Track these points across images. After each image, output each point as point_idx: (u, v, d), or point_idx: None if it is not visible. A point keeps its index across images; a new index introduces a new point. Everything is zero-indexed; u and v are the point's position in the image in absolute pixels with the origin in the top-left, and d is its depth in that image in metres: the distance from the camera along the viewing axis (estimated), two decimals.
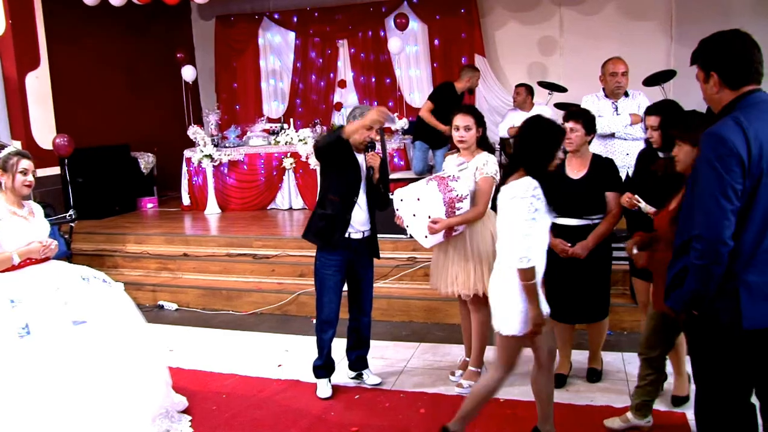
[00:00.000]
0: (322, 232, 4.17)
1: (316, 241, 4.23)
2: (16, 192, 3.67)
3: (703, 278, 2.38)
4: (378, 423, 3.90)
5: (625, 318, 5.15)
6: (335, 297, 4.24)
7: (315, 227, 4.22)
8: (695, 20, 8.79)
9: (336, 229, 4.13)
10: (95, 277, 3.82)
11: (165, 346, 5.12)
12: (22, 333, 3.34)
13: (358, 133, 3.99)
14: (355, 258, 4.24)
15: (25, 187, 3.68)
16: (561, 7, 9.55)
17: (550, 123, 3.27)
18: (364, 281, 4.35)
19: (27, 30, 8.15)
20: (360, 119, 4.04)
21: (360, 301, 4.37)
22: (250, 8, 11.09)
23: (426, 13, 10.02)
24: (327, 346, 4.31)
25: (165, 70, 10.55)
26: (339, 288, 4.26)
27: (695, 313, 2.50)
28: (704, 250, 2.34)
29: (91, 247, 7.61)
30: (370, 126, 3.99)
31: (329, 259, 4.18)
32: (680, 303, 2.51)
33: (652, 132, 3.72)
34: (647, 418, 3.56)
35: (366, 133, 4.06)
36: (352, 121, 4.14)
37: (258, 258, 6.77)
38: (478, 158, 4.09)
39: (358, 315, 4.39)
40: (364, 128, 3.98)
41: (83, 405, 3.36)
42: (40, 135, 8.27)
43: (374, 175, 4.14)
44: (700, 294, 2.42)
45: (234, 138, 9.38)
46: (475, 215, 4.03)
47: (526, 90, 7.54)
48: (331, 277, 4.20)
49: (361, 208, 4.16)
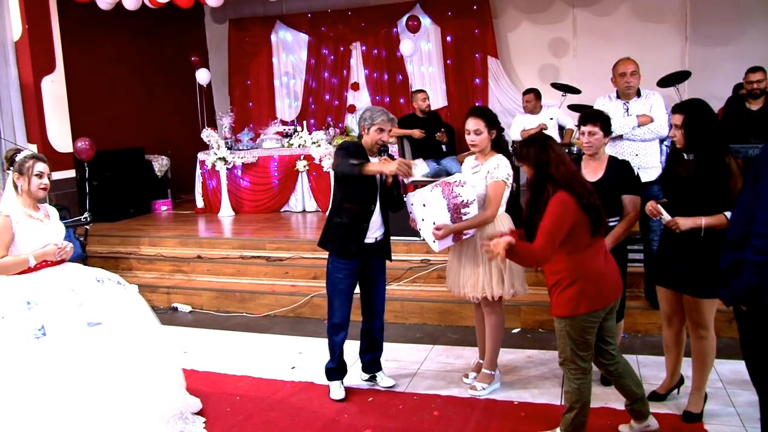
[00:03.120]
0: (339, 241, 4.15)
1: (334, 250, 4.19)
2: (32, 195, 3.70)
3: (760, 274, 2.37)
4: (391, 425, 3.90)
5: (640, 321, 5.12)
6: (346, 300, 4.23)
7: (332, 236, 4.19)
8: (710, 21, 8.75)
9: (353, 239, 4.11)
10: (110, 279, 3.85)
11: (179, 348, 5.15)
12: (38, 334, 3.37)
13: (372, 146, 4.08)
14: (368, 262, 4.23)
15: (40, 190, 3.71)
16: (574, 8, 9.51)
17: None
18: (376, 284, 4.34)
19: (43, 34, 8.23)
20: (380, 165, 3.96)
21: (372, 304, 4.35)
22: (262, 11, 11.14)
23: (438, 16, 10.01)
24: (339, 348, 4.30)
25: (179, 73, 10.61)
26: (350, 291, 4.25)
27: (744, 309, 2.49)
28: (764, 247, 2.35)
29: (105, 249, 7.67)
30: (396, 173, 3.92)
31: (341, 263, 4.17)
32: (733, 298, 2.50)
33: (675, 131, 3.58)
34: (646, 422, 3.53)
35: (378, 135, 4.07)
36: (363, 125, 4.13)
37: (271, 260, 6.79)
38: (490, 161, 4.07)
39: (371, 318, 4.38)
40: (380, 171, 3.95)
41: (98, 406, 3.38)
42: (55, 138, 8.34)
43: (387, 179, 4.11)
44: (757, 290, 2.41)
45: (247, 140, 9.42)
46: (482, 220, 3.99)
47: (535, 96, 7.55)
48: (342, 280, 4.18)
49: (376, 213, 4.15)
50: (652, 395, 3.91)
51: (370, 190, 4.11)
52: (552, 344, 5.05)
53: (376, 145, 4.10)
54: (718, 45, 8.67)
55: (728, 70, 7.90)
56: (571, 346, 3.30)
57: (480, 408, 4.04)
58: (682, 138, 3.54)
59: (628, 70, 4.96)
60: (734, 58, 8.12)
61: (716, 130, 3.54)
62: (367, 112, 4.20)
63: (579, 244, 3.20)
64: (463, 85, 9.96)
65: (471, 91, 9.90)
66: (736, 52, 8.32)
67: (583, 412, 3.35)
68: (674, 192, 3.63)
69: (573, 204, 3.15)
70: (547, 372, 4.55)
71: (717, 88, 7.64)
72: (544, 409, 3.99)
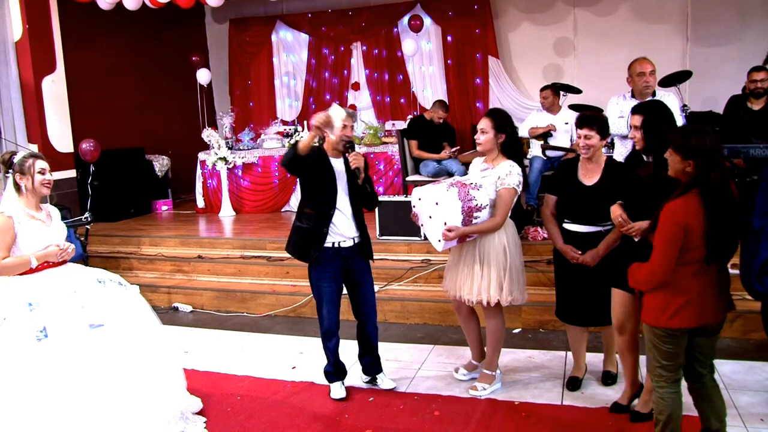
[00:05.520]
0: (298, 246, 4.13)
1: (294, 255, 4.19)
2: (36, 193, 3.69)
3: None
4: (392, 425, 3.90)
5: None
6: (333, 308, 4.17)
7: (292, 240, 4.18)
8: (711, 21, 8.73)
9: (312, 245, 4.06)
10: (111, 279, 3.85)
11: (180, 348, 5.15)
12: (39, 336, 3.37)
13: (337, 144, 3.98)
14: (350, 266, 4.17)
15: (44, 187, 3.71)
16: (575, 8, 9.50)
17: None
18: (362, 287, 4.27)
19: (43, 35, 8.23)
20: (309, 135, 3.92)
21: (362, 307, 4.30)
22: (263, 11, 11.13)
23: (439, 16, 10.00)
24: (333, 354, 4.29)
25: (179, 73, 10.61)
26: (337, 298, 4.19)
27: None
28: None
29: (106, 249, 7.67)
30: (316, 133, 3.88)
31: (322, 271, 4.12)
32: None
33: (635, 132, 3.55)
34: None
35: (340, 132, 3.98)
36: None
37: (272, 260, 6.79)
38: (501, 167, 4.03)
39: (362, 323, 4.33)
40: (312, 138, 3.88)
41: (99, 408, 3.38)
42: (56, 138, 8.35)
43: (360, 176, 4.02)
44: None
45: (248, 140, 9.41)
46: (491, 226, 3.97)
47: (553, 93, 7.29)
48: (326, 288, 4.13)
49: (345, 215, 4.08)
50: (614, 406, 3.85)
51: (329, 193, 4.03)
52: (553, 344, 5.07)
53: (341, 142, 4.01)
54: (719, 45, 8.66)
55: (730, 70, 7.90)
56: (654, 354, 3.13)
57: (481, 408, 4.04)
58: (641, 139, 3.52)
59: (647, 70, 4.93)
60: (736, 58, 8.12)
61: None
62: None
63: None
64: (463, 85, 9.94)
65: (472, 91, 9.88)
66: (737, 52, 8.31)
67: (670, 426, 3.11)
68: (634, 194, 3.52)
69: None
70: (548, 372, 4.54)
71: (718, 88, 7.62)
72: (545, 409, 3.99)
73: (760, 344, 4.73)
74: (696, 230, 2.89)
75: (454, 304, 4.33)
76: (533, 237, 6.15)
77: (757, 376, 4.29)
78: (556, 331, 5.29)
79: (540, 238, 6.12)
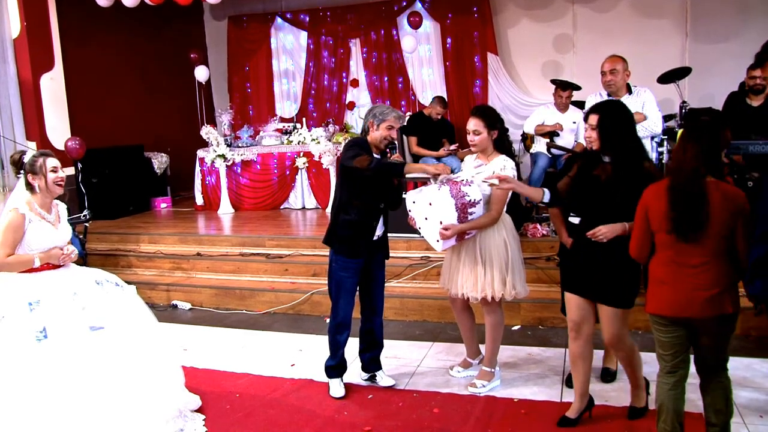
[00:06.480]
0: (347, 239, 4.14)
1: (341, 249, 4.17)
2: (50, 193, 3.68)
3: None
4: (391, 423, 3.89)
5: (639, 317, 5.09)
6: (351, 299, 4.23)
7: (340, 234, 4.16)
8: (711, 17, 8.72)
9: (362, 237, 4.12)
10: (108, 280, 3.83)
11: (178, 345, 5.15)
12: (39, 336, 3.37)
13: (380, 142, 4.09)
14: (370, 259, 4.23)
15: (57, 186, 3.69)
16: (574, 4, 9.48)
17: None
18: (376, 282, 4.33)
19: (41, 32, 8.21)
20: (422, 166, 4.08)
21: (373, 301, 4.34)
22: (262, 8, 11.11)
23: (438, 13, 9.98)
24: (342, 347, 4.30)
25: (178, 70, 10.58)
26: (355, 290, 4.25)
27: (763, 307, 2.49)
28: None
29: (105, 247, 7.66)
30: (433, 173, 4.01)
31: (349, 262, 4.15)
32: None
33: (591, 131, 3.47)
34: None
35: (387, 132, 4.06)
36: (372, 121, 4.08)
37: (271, 257, 6.78)
38: (495, 162, 4.05)
39: (371, 316, 4.36)
40: (426, 173, 4.04)
41: (98, 409, 3.38)
42: (54, 136, 8.31)
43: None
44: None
45: (247, 138, 9.41)
46: (488, 221, 3.98)
47: (570, 93, 7.08)
48: (348, 279, 4.17)
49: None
50: (562, 420, 3.73)
51: (382, 188, 4.11)
52: (552, 341, 5.07)
53: (384, 141, 4.09)
54: (718, 41, 8.64)
55: (729, 66, 7.87)
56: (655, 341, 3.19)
57: (480, 405, 4.04)
58: (597, 139, 3.45)
59: (607, 69, 4.97)
60: (735, 54, 8.09)
61: (632, 134, 3.46)
62: (377, 108, 4.15)
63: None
64: (462, 82, 9.92)
65: (471, 87, 9.87)
66: (736, 48, 8.28)
67: (663, 418, 3.13)
68: (591, 194, 3.50)
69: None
70: (547, 369, 4.54)
71: (718, 84, 7.61)
72: (544, 406, 3.99)
73: (760, 341, 4.74)
74: (657, 212, 3.02)
75: (450, 296, 4.34)
76: (532, 234, 6.15)
77: (756, 372, 4.29)
78: (555, 328, 5.29)
79: (539, 235, 6.12)
